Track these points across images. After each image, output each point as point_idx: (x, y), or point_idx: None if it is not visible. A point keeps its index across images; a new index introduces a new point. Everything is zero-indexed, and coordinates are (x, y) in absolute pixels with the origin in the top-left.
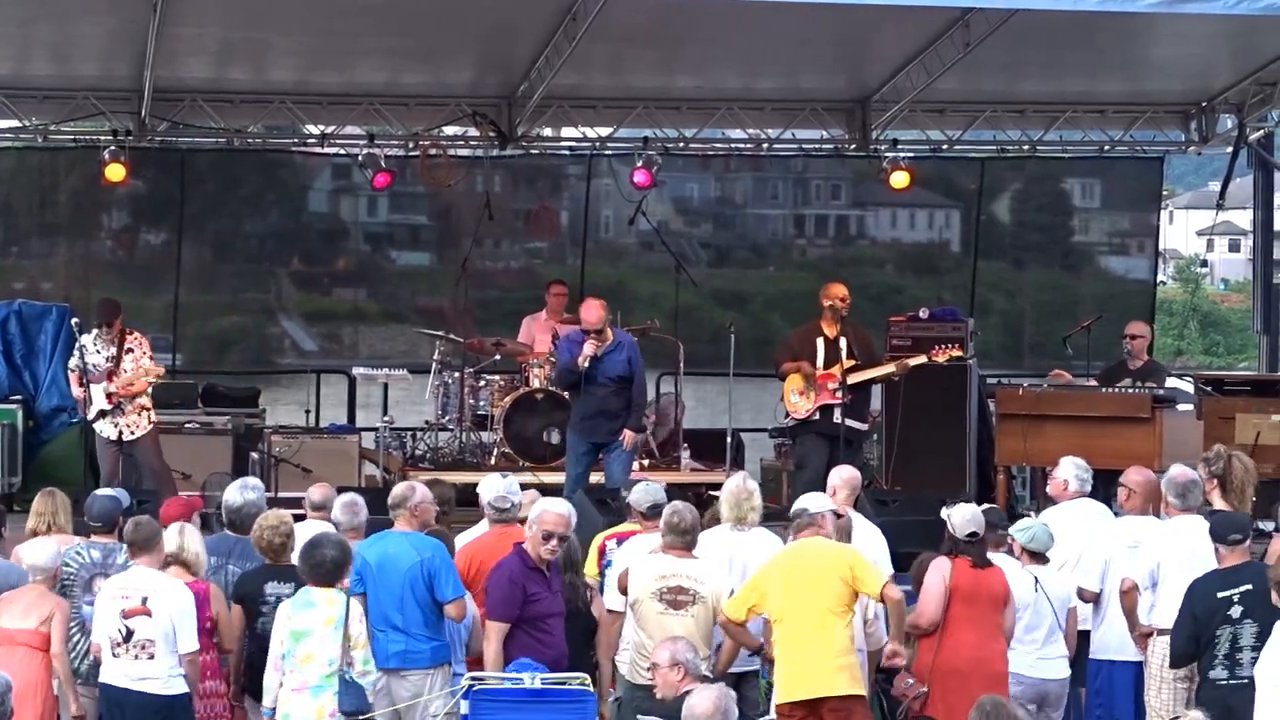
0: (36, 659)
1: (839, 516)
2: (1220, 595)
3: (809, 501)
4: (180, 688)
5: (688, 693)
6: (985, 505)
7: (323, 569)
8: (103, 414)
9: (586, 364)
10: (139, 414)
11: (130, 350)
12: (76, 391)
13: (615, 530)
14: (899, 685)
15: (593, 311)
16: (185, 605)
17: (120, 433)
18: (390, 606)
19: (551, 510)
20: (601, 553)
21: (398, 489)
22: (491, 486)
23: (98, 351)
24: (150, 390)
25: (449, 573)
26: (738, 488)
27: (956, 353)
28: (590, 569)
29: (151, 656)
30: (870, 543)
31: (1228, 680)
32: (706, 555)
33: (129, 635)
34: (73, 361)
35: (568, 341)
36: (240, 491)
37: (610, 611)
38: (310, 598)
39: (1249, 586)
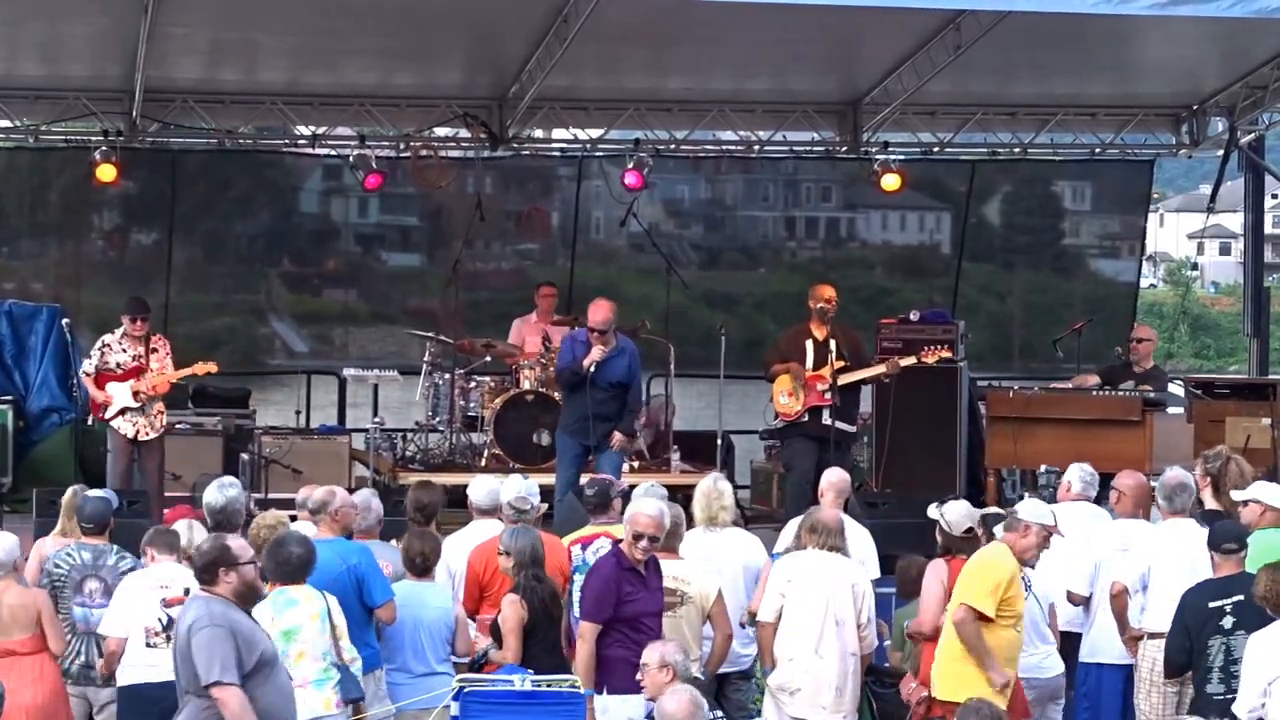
0: (43, 665)
1: (1050, 533)
2: (1212, 605)
3: (1021, 508)
4: None
5: None
6: (992, 510)
7: (289, 567)
8: (123, 412)
9: (593, 368)
10: (157, 417)
11: (155, 350)
12: (96, 394)
13: (580, 534)
14: (904, 689)
15: (601, 311)
16: None
17: (136, 432)
18: None
19: (643, 512)
20: (567, 558)
21: (318, 494)
22: (511, 488)
23: (124, 350)
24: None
25: (376, 575)
26: (708, 489)
27: (946, 354)
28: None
29: None
30: (858, 544)
31: (1224, 694)
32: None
33: (171, 623)
34: (88, 365)
35: (571, 341)
36: (220, 491)
37: None
38: (291, 596)
39: (1241, 597)
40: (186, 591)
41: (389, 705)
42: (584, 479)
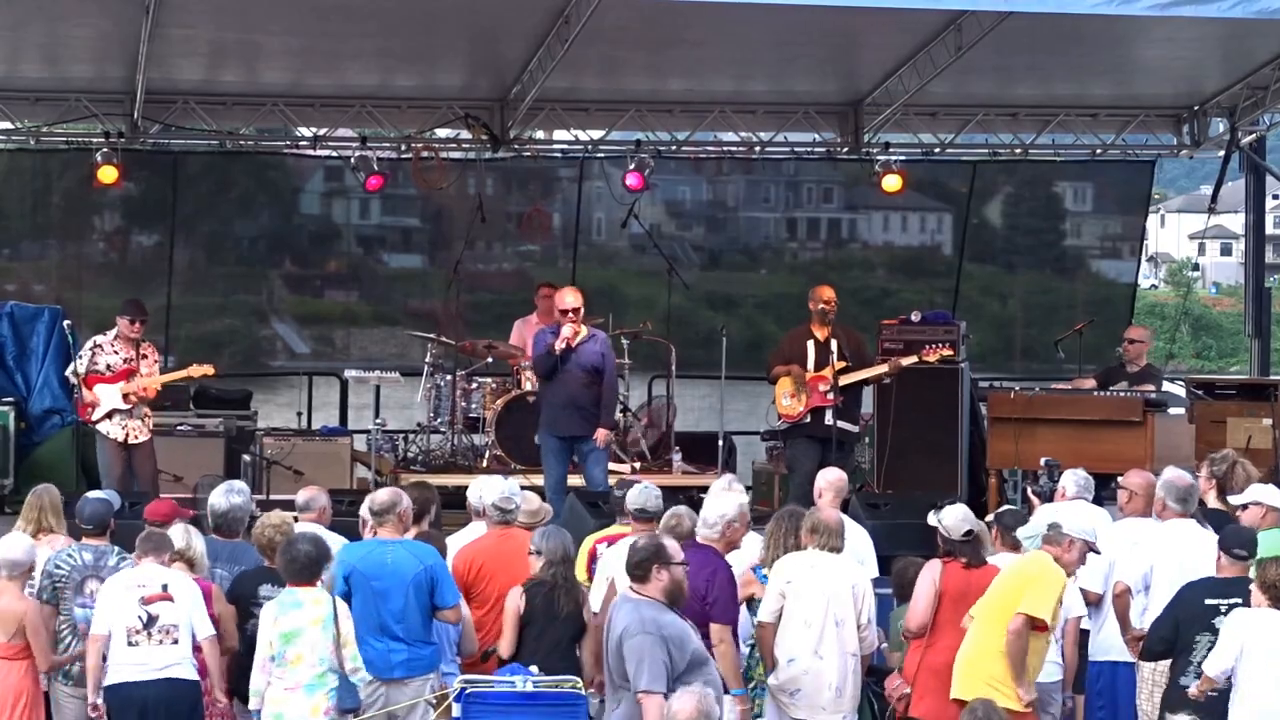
0: (16, 667)
1: (1091, 550)
2: (1208, 602)
3: (1066, 521)
4: (196, 675)
5: None
6: (1005, 507)
7: (297, 565)
8: (110, 415)
9: (563, 346)
10: (144, 420)
11: (145, 356)
12: (86, 395)
13: (606, 533)
14: (889, 686)
15: (570, 294)
16: (199, 596)
17: (127, 435)
18: (389, 615)
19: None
20: (592, 556)
21: (384, 495)
22: (494, 488)
23: (115, 352)
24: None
25: (449, 579)
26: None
27: (947, 352)
28: (580, 573)
29: (176, 642)
30: (858, 544)
31: None
32: None
33: (151, 621)
34: (79, 365)
35: (542, 334)
36: (226, 496)
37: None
38: (297, 598)
39: (1239, 600)
40: (164, 588)
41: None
42: (612, 481)
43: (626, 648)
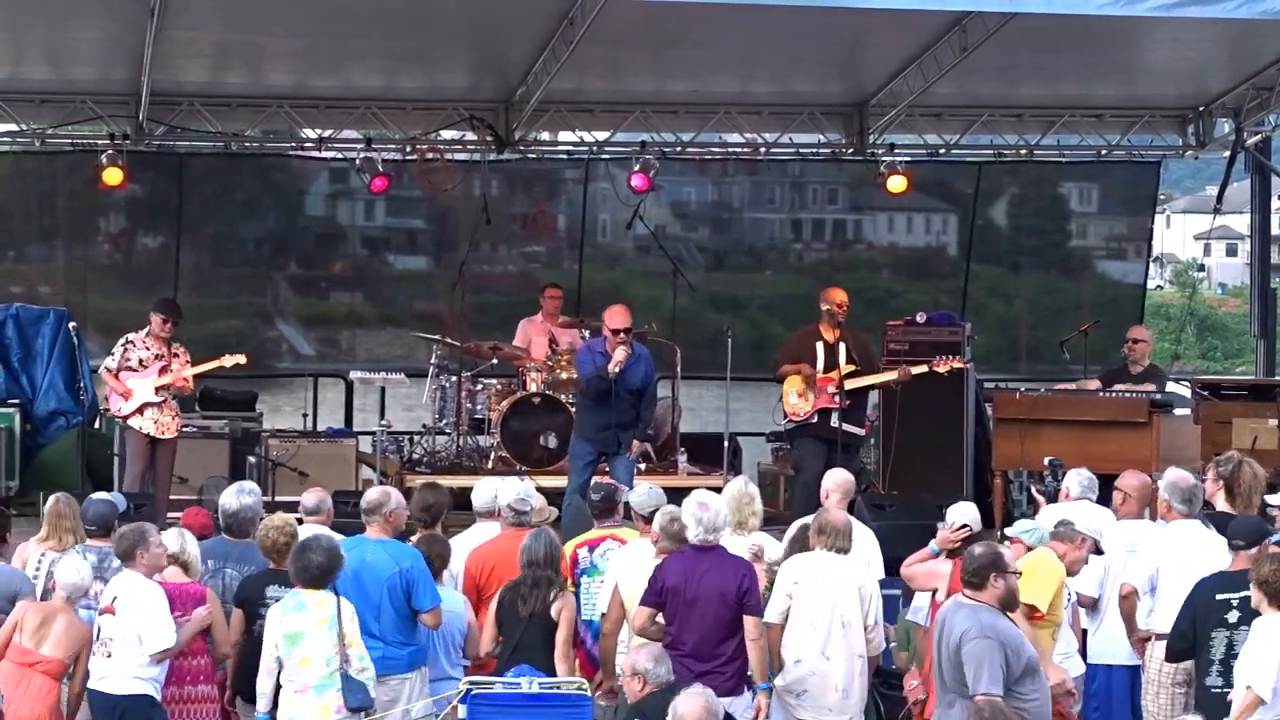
0: (53, 690)
1: (1098, 551)
2: (1219, 598)
3: (1078, 519)
4: (136, 688)
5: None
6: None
7: (309, 572)
8: (141, 409)
9: (619, 369)
10: (173, 418)
11: (176, 355)
12: (116, 386)
13: (586, 538)
14: (906, 685)
15: (622, 315)
16: (153, 604)
17: (158, 429)
18: (367, 614)
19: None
20: (574, 561)
21: (372, 494)
22: (510, 489)
23: (147, 348)
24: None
25: (427, 582)
26: (739, 492)
27: (958, 364)
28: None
29: (109, 655)
30: (864, 545)
31: (1223, 688)
32: None
33: (98, 634)
34: (110, 361)
35: (588, 351)
36: (237, 496)
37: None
38: (301, 600)
39: (1248, 594)
40: (114, 600)
41: (428, 700)
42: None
43: (966, 651)
